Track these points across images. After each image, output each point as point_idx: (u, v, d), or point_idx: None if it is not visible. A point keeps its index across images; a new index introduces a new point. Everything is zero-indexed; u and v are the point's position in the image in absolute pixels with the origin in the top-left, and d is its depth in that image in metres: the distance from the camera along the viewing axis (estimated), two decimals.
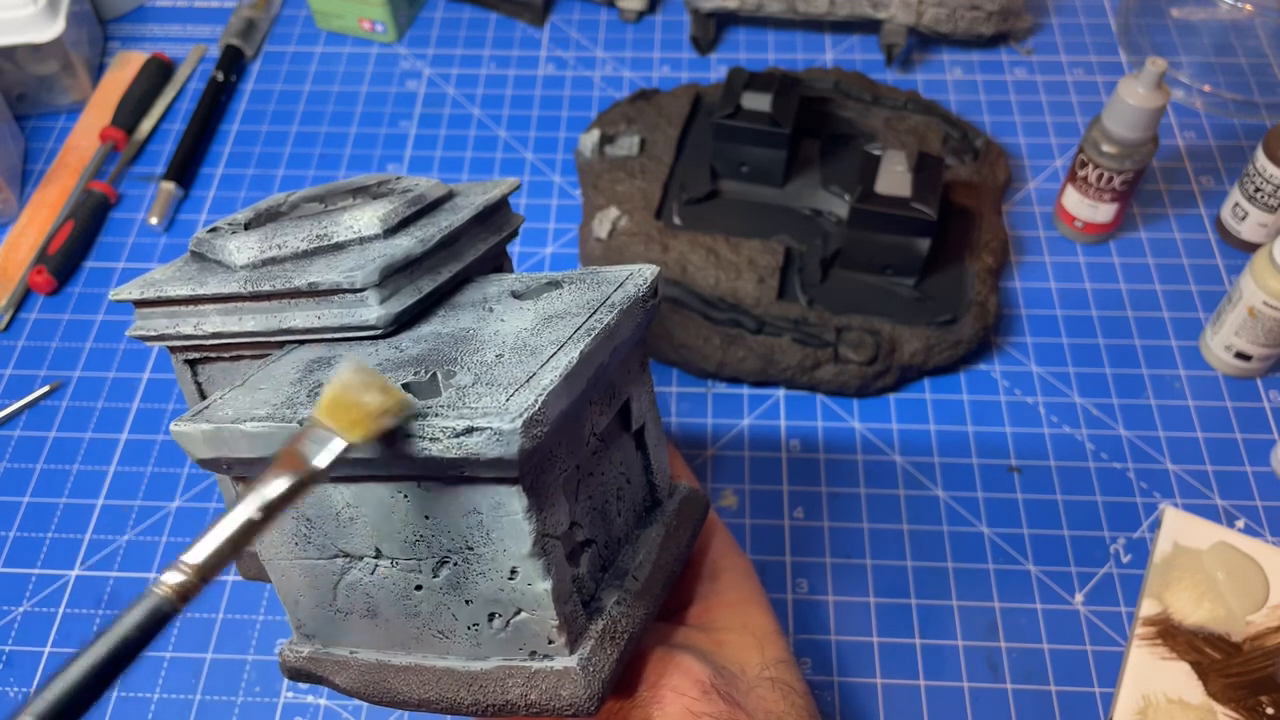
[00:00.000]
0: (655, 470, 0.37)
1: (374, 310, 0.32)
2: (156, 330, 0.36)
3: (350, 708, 0.49)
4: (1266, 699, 0.48)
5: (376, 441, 0.27)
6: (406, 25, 0.79)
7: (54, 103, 0.74)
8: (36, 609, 0.53)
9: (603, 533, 0.34)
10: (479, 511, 0.29)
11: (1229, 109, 0.72)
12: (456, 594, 0.31)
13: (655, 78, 0.75)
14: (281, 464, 0.26)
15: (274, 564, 0.33)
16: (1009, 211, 0.67)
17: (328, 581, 0.32)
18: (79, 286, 0.65)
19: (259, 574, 0.38)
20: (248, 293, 0.33)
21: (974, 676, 0.50)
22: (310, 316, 0.33)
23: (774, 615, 0.39)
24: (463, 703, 0.31)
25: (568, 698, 0.30)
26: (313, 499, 0.31)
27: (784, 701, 0.35)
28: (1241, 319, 0.56)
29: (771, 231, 0.62)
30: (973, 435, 0.57)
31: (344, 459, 0.27)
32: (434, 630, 0.31)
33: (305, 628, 0.34)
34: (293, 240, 0.34)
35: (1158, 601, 0.51)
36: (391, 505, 0.30)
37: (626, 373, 0.35)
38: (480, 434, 0.27)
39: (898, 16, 0.73)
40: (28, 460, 0.58)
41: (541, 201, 0.69)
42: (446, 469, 0.28)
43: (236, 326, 0.34)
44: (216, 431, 0.30)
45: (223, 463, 0.31)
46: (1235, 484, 0.55)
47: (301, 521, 0.31)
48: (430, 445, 0.27)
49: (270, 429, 0.29)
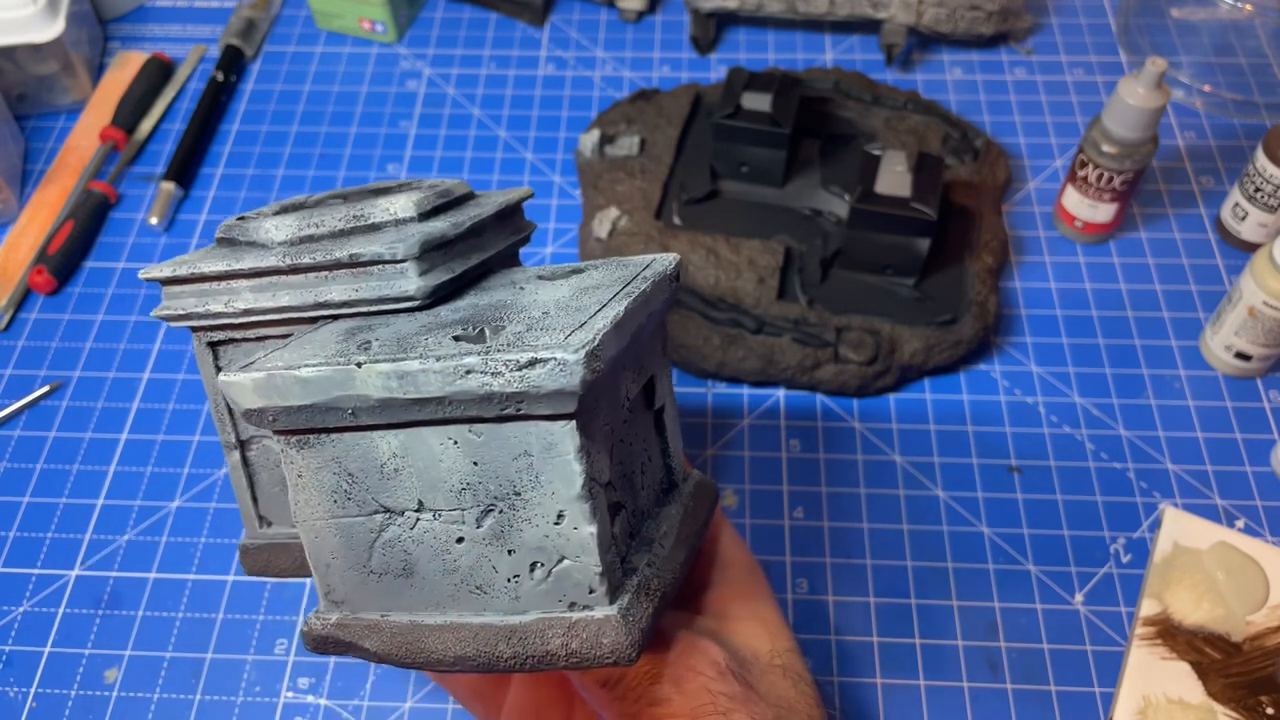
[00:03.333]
0: (672, 453, 0.38)
1: (413, 281, 0.33)
2: (184, 309, 0.36)
3: (350, 708, 0.50)
4: (1266, 699, 0.48)
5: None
6: (406, 25, 0.79)
7: (54, 103, 0.74)
8: (36, 609, 0.53)
9: (631, 501, 0.34)
10: (529, 454, 0.29)
11: (1229, 109, 0.72)
12: (499, 544, 0.31)
13: (655, 78, 0.75)
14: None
15: (308, 525, 0.33)
16: (1009, 211, 0.67)
17: (364, 540, 0.32)
18: (79, 286, 0.65)
19: (263, 568, 0.38)
20: (286, 266, 0.34)
21: (974, 676, 0.50)
22: (348, 289, 0.34)
23: (780, 609, 0.40)
24: (501, 656, 0.31)
25: (609, 645, 0.30)
26: (357, 452, 0.31)
27: (794, 689, 0.36)
28: (1241, 319, 0.56)
29: (771, 231, 0.62)
30: (973, 435, 0.57)
31: (399, 401, 0.27)
32: (472, 586, 0.32)
33: (334, 593, 0.33)
34: (330, 220, 0.36)
35: (1158, 601, 0.51)
36: (440, 453, 0.30)
37: (651, 350, 0.36)
38: (544, 365, 0.28)
39: (898, 16, 0.73)
40: (28, 460, 0.58)
41: (541, 201, 0.69)
42: (504, 406, 0.28)
43: (270, 302, 0.35)
44: (268, 379, 0.30)
45: (270, 413, 0.31)
46: (1235, 484, 0.55)
47: (343, 477, 0.32)
48: (492, 380, 0.28)
49: (327, 372, 0.29)
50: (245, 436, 0.38)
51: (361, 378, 0.29)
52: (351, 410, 0.30)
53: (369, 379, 0.29)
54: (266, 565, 0.38)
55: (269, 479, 0.38)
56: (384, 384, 0.29)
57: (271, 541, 0.38)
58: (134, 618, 0.52)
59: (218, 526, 0.55)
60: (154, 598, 0.53)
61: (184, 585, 0.53)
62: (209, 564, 0.54)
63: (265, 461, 0.38)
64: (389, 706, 0.50)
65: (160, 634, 0.52)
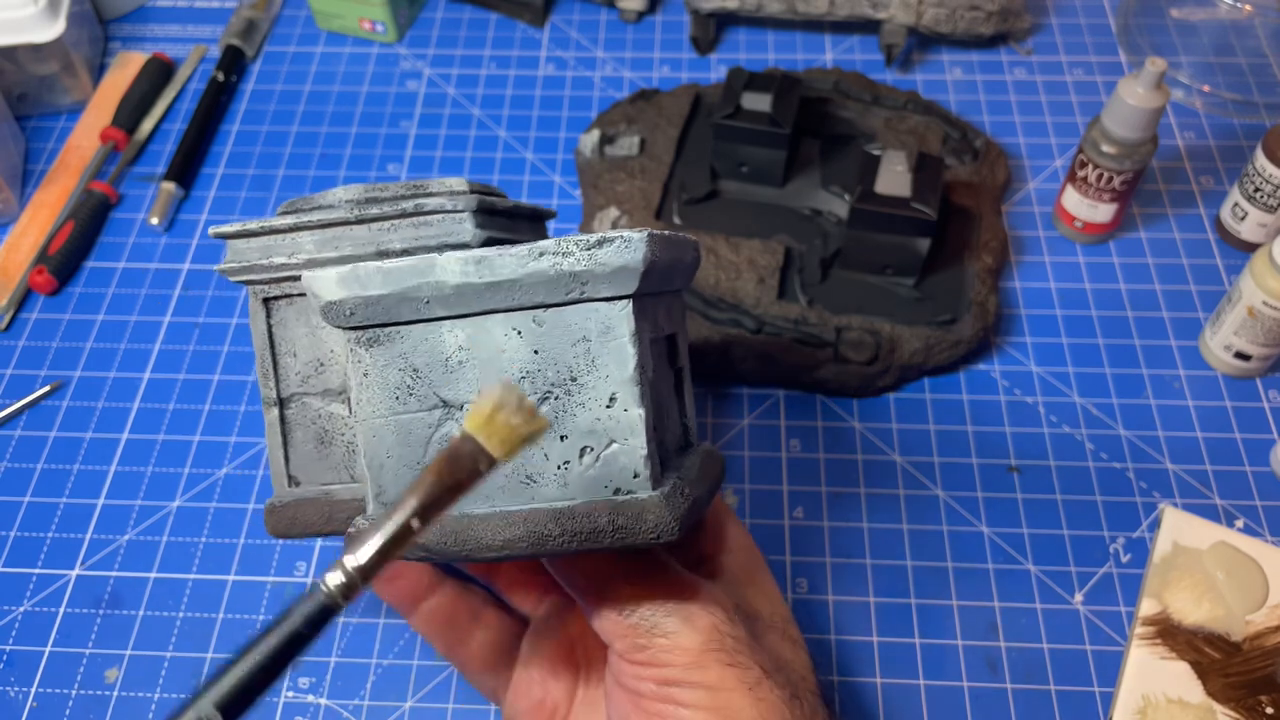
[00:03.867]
0: (688, 414, 0.39)
1: (469, 230, 0.37)
2: (247, 261, 0.38)
3: (350, 707, 0.50)
4: (1266, 698, 0.48)
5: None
6: (407, 25, 0.79)
7: (55, 103, 0.74)
8: (36, 609, 0.53)
9: (661, 427, 0.36)
10: (588, 339, 0.32)
11: (1229, 109, 0.72)
12: (553, 431, 0.33)
13: (655, 78, 0.76)
14: (436, 469, 0.28)
15: (368, 424, 0.34)
16: (1009, 211, 0.67)
17: (421, 436, 0.34)
18: (79, 286, 0.65)
19: (289, 526, 0.38)
20: (354, 218, 0.37)
21: (974, 676, 0.50)
22: (408, 237, 0.37)
23: (778, 584, 0.42)
24: (550, 535, 0.32)
25: (653, 521, 0.32)
26: (425, 346, 0.33)
27: (790, 650, 0.38)
28: (1241, 319, 0.56)
29: (771, 231, 0.62)
30: (972, 435, 0.57)
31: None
32: (522, 476, 0.33)
33: (385, 494, 0.34)
34: (392, 188, 0.39)
35: (1157, 601, 0.51)
36: (504, 343, 0.33)
37: (676, 306, 0.38)
38: (611, 244, 0.31)
39: (897, 17, 0.73)
40: (28, 460, 0.58)
41: (541, 201, 0.69)
42: (569, 289, 0.31)
43: (333, 253, 0.38)
44: (352, 270, 0.33)
45: (349, 305, 0.33)
46: (1235, 484, 0.55)
47: (408, 373, 0.33)
48: (562, 260, 0.31)
49: (409, 262, 0.32)
50: (287, 394, 0.39)
51: (441, 264, 0.32)
52: (427, 300, 0.32)
53: (448, 264, 0.32)
54: (293, 521, 0.38)
55: (303, 436, 0.39)
56: (461, 269, 0.32)
57: (299, 498, 0.38)
58: (134, 617, 0.52)
59: (218, 526, 0.55)
60: (154, 597, 0.53)
61: (184, 585, 0.53)
62: (209, 564, 0.54)
63: (302, 419, 0.39)
64: (389, 706, 0.50)
65: (161, 634, 0.52)
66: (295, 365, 0.39)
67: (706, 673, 0.33)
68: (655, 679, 0.34)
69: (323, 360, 0.39)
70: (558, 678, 0.41)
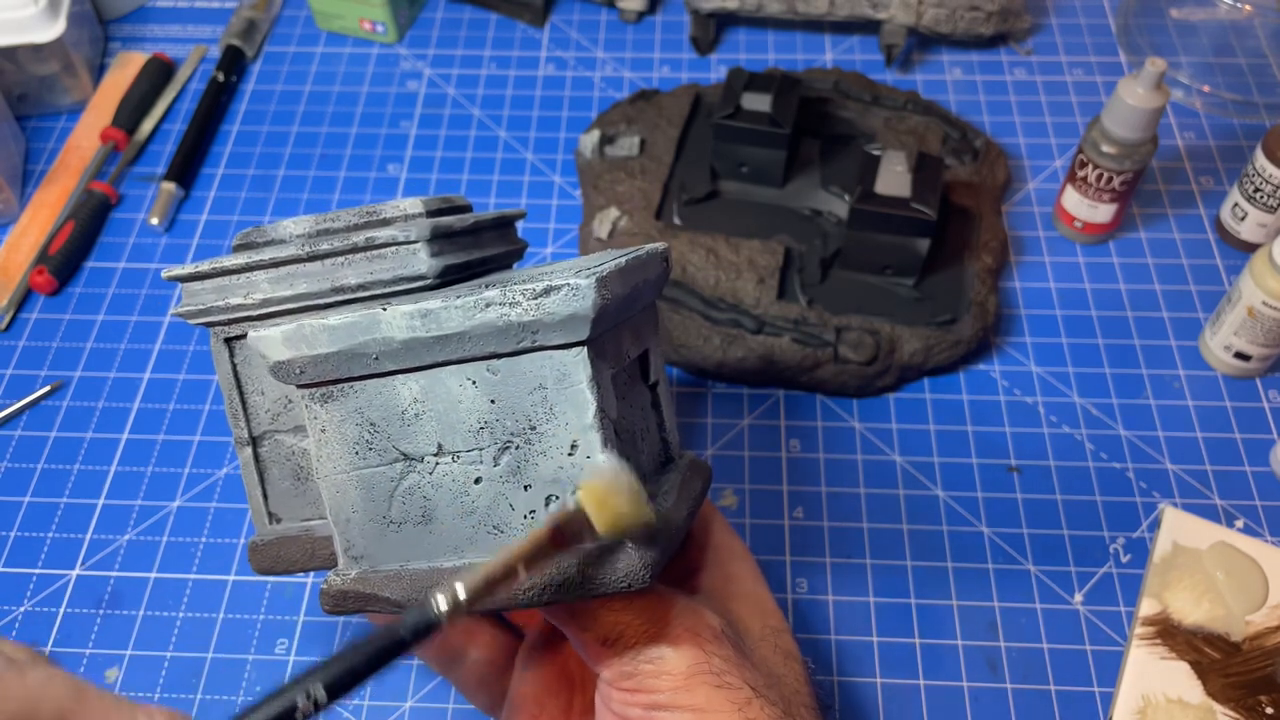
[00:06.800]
0: (668, 428, 0.39)
1: (425, 261, 0.35)
2: (203, 305, 0.38)
3: (350, 707, 0.50)
4: (1266, 699, 0.48)
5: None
6: (407, 26, 0.79)
7: (55, 103, 0.74)
8: (36, 609, 0.53)
9: (634, 457, 0.35)
10: (544, 386, 0.31)
11: (1228, 109, 0.72)
12: (516, 480, 0.32)
13: (655, 78, 0.76)
14: (547, 528, 0.29)
15: (330, 480, 0.34)
16: (1008, 212, 0.67)
17: (384, 490, 0.33)
18: (79, 287, 0.65)
19: (273, 564, 0.38)
20: (305, 254, 0.36)
21: (974, 676, 0.50)
22: (363, 272, 0.36)
23: (770, 591, 0.41)
24: (519, 588, 0.32)
25: (623, 571, 0.31)
26: (379, 400, 0.32)
27: (784, 664, 0.37)
28: (1241, 319, 0.56)
29: (771, 231, 0.62)
30: (972, 435, 0.57)
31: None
32: (489, 526, 0.33)
33: (354, 549, 0.34)
34: (344, 217, 0.38)
35: (1157, 601, 0.51)
36: (459, 394, 0.32)
37: (646, 323, 0.37)
38: (558, 292, 0.30)
39: (897, 17, 0.73)
40: (28, 460, 0.58)
41: (541, 201, 0.69)
42: (520, 338, 0.30)
43: (288, 291, 0.37)
44: (297, 329, 0.32)
45: (297, 364, 0.32)
46: (1235, 484, 0.55)
47: (365, 427, 0.33)
48: (509, 310, 0.30)
49: (353, 318, 0.31)
50: (258, 432, 0.39)
51: (386, 320, 0.31)
52: (376, 355, 0.31)
53: (394, 320, 0.31)
54: (276, 559, 0.38)
55: (279, 474, 0.39)
56: (408, 324, 0.31)
57: (281, 535, 0.38)
58: (134, 617, 0.52)
59: (218, 526, 0.55)
60: (154, 597, 0.53)
61: (184, 585, 0.53)
62: (209, 564, 0.54)
63: (276, 456, 0.38)
64: (389, 706, 0.50)
65: (161, 634, 0.52)
66: (264, 403, 0.38)
67: (694, 695, 0.33)
68: (643, 704, 0.33)
69: (290, 398, 0.38)
70: (553, 694, 0.41)
